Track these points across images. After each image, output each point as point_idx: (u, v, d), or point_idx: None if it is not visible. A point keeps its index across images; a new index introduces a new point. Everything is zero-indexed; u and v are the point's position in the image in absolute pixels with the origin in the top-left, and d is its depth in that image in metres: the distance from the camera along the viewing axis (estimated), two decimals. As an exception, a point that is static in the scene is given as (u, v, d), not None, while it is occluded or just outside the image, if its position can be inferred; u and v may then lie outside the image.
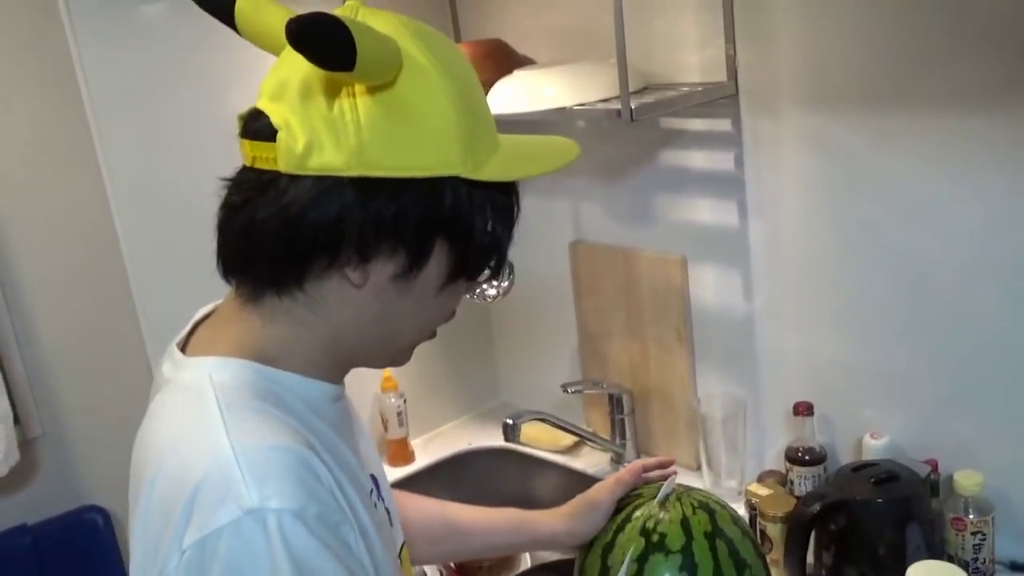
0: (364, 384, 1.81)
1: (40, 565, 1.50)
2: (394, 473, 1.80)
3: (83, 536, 1.55)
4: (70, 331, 1.55)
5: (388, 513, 0.96)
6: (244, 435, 0.73)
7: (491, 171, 0.78)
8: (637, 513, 1.04)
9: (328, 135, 0.74)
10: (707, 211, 1.53)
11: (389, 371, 1.81)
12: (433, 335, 0.89)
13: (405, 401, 1.81)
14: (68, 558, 1.48)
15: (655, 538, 1.00)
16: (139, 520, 0.76)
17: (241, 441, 0.72)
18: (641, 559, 1.00)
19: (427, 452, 1.87)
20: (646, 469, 1.17)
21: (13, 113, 1.53)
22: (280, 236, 0.76)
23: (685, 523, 1.01)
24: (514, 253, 1.61)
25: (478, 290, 1.62)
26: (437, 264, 0.79)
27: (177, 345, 0.85)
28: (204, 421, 0.75)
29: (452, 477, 1.87)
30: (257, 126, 0.76)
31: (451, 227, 0.78)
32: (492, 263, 0.84)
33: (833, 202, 1.37)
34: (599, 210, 1.72)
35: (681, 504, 1.03)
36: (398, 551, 0.97)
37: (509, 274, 1.64)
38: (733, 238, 1.50)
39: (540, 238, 1.80)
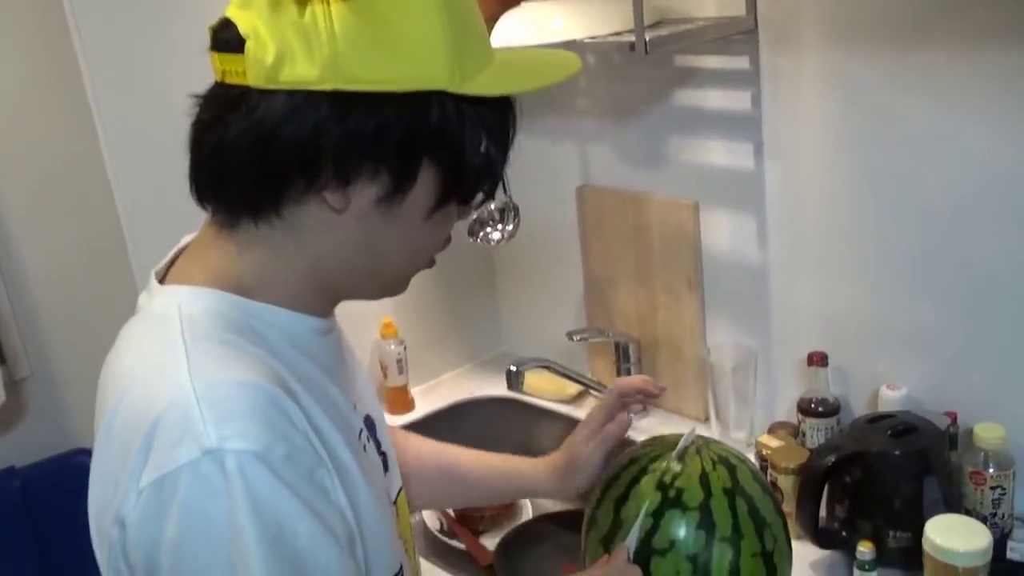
0: (363, 330, 1.76)
1: (29, 508, 1.46)
2: (393, 421, 1.76)
3: (72, 479, 1.50)
4: (59, 269, 1.50)
5: (385, 457, 0.92)
6: (206, 370, 0.68)
7: (481, 85, 0.72)
8: (653, 465, 0.99)
9: (300, 45, 0.68)
10: (721, 154, 1.47)
11: (389, 317, 1.76)
12: (431, 264, 0.83)
13: (405, 348, 1.77)
14: (57, 501, 1.45)
15: (672, 493, 0.95)
16: (98, 451, 0.72)
17: (203, 376, 0.68)
18: (656, 514, 0.95)
19: (427, 401, 1.83)
20: (624, 396, 1.12)
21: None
22: (252, 156, 0.70)
23: (704, 478, 0.96)
24: (519, 197, 1.59)
25: (481, 233, 1.57)
26: (424, 187, 0.74)
27: (156, 274, 0.80)
28: (166, 353, 0.70)
29: (452, 426, 1.83)
30: (225, 36, 0.71)
31: (438, 146, 0.72)
32: (486, 186, 0.78)
33: (853, 145, 1.31)
34: (608, 152, 1.66)
35: (700, 458, 0.98)
36: (394, 497, 0.93)
37: (514, 218, 1.59)
38: (748, 182, 1.44)
39: (546, 181, 1.75)
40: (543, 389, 1.77)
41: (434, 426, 1.80)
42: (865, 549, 1.15)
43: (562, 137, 1.72)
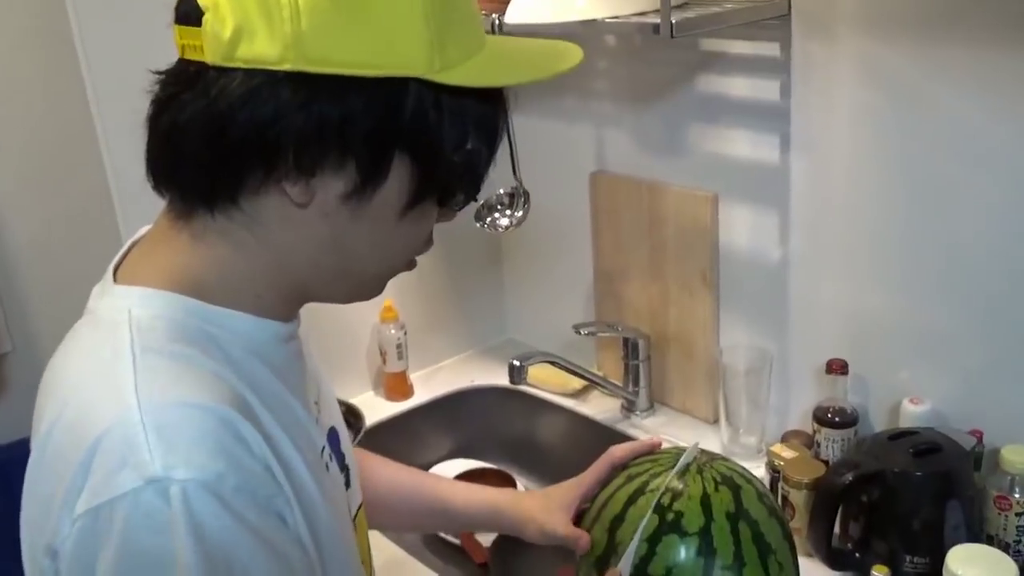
0: (362, 313, 1.70)
1: (7, 487, 1.40)
2: (391, 408, 1.71)
3: (53, 459, 1.45)
4: (45, 241, 1.44)
5: (347, 470, 0.86)
6: (155, 389, 0.62)
7: (464, 74, 0.65)
8: (653, 484, 0.92)
9: (261, 20, 0.61)
10: (745, 145, 1.40)
11: (390, 301, 1.69)
12: (410, 266, 0.76)
13: (405, 333, 1.70)
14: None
15: (670, 516, 0.89)
16: (32, 470, 0.66)
17: (150, 397, 0.61)
18: (653, 539, 0.88)
19: (427, 387, 1.77)
20: (616, 464, 1.00)
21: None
22: (206, 140, 0.64)
23: (706, 501, 0.89)
24: (530, 181, 1.52)
25: (489, 219, 1.50)
26: (397, 183, 0.67)
27: (113, 266, 0.73)
28: (112, 368, 0.64)
29: (452, 415, 1.77)
30: (186, 8, 0.65)
31: (412, 140, 0.66)
32: (466, 187, 0.71)
33: (885, 141, 1.23)
34: (625, 138, 1.58)
35: (703, 478, 0.91)
36: (354, 513, 0.87)
37: (524, 203, 1.51)
38: (772, 176, 1.36)
39: (559, 166, 1.67)
40: (547, 381, 1.71)
41: (433, 414, 1.74)
42: (880, 574, 1.09)
43: (577, 120, 1.64)
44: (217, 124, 0.63)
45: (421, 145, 0.66)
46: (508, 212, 1.51)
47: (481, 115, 0.68)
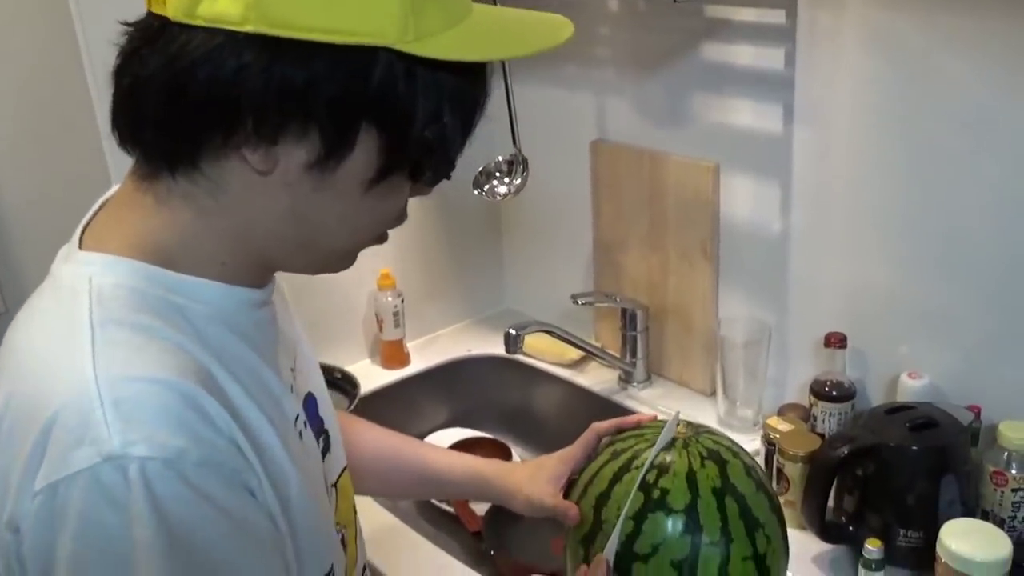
0: (359, 280, 1.69)
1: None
2: (387, 376, 1.70)
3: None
4: (39, 200, 1.42)
5: (327, 436, 0.84)
6: (114, 363, 0.60)
7: (439, 46, 0.62)
8: (637, 461, 0.91)
9: None
10: (748, 114, 1.37)
11: (387, 268, 1.68)
12: (381, 240, 0.74)
13: (403, 301, 1.69)
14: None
15: (656, 494, 0.87)
16: None
17: (108, 371, 0.60)
18: (639, 517, 0.87)
19: (423, 356, 1.76)
20: (603, 435, 1.00)
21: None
22: (165, 98, 0.62)
23: (691, 477, 0.88)
24: (529, 149, 1.50)
25: (487, 186, 1.48)
26: (364, 156, 0.64)
27: (81, 228, 0.71)
28: (70, 339, 0.62)
29: (448, 384, 1.76)
30: None
31: (380, 111, 0.63)
32: (437, 164, 0.69)
33: (892, 113, 1.21)
34: (626, 107, 1.56)
35: (688, 453, 0.90)
36: (335, 479, 0.86)
37: (522, 171, 1.50)
38: (774, 146, 1.34)
39: (558, 135, 1.65)
40: (544, 352, 1.70)
41: (429, 382, 1.74)
42: (873, 547, 1.08)
43: (578, 87, 1.62)
44: (176, 84, 0.61)
45: (389, 117, 0.63)
46: (507, 180, 1.49)
47: (457, 89, 0.65)
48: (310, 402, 0.82)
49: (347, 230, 0.70)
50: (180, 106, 0.62)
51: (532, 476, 1.01)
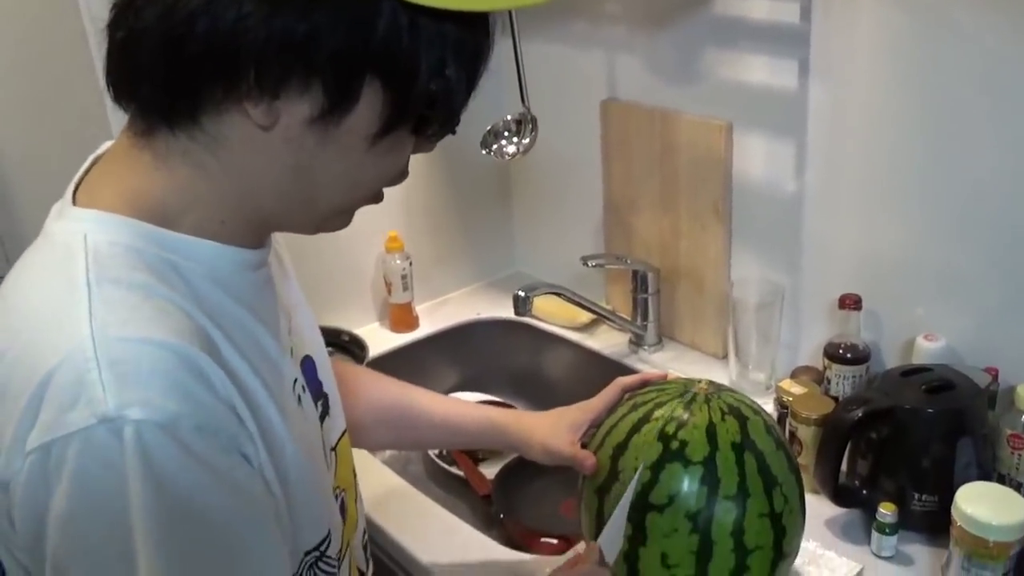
0: (367, 243, 1.67)
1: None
2: (396, 340, 1.69)
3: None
4: (40, 160, 1.40)
5: (326, 399, 0.83)
6: (111, 323, 0.59)
7: None
8: (657, 413, 0.90)
9: None
10: (761, 71, 1.34)
11: (395, 231, 1.66)
12: (377, 199, 0.72)
13: (411, 264, 1.67)
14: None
15: (674, 445, 0.87)
16: None
17: (105, 331, 0.58)
18: (656, 467, 0.87)
19: (432, 319, 1.75)
20: (627, 391, 1.01)
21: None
22: (162, 51, 0.60)
23: (711, 430, 0.87)
24: (538, 108, 1.47)
25: (495, 145, 1.46)
26: (367, 110, 0.63)
27: (74, 184, 0.69)
28: (66, 297, 0.61)
29: (457, 347, 1.75)
30: None
31: (385, 63, 0.61)
32: (442, 117, 0.67)
33: (910, 69, 1.17)
34: (637, 64, 1.52)
35: (709, 407, 0.89)
36: (334, 443, 0.85)
37: (531, 131, 1.47)
38: (789, 104, 1.31)
39: (568, 93, 1.62)
40: (554, 314, 1.68)
41: (438, 346, 1.73)
42: (887, 511, 1.07)
43: (588, 44, 1.58)
44: (174, 36, 0.59)
45: (393, 70, 0.62)
46: (515, 139, 1.46)
47: (461, 41, 0.63)
48: (308, 365, 0.81)
49: (348, 186, 0.69)
50: (179, 60, 0.60)
51: (551, 424, 1.02)
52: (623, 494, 0.87)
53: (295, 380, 0.75)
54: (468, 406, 1.12)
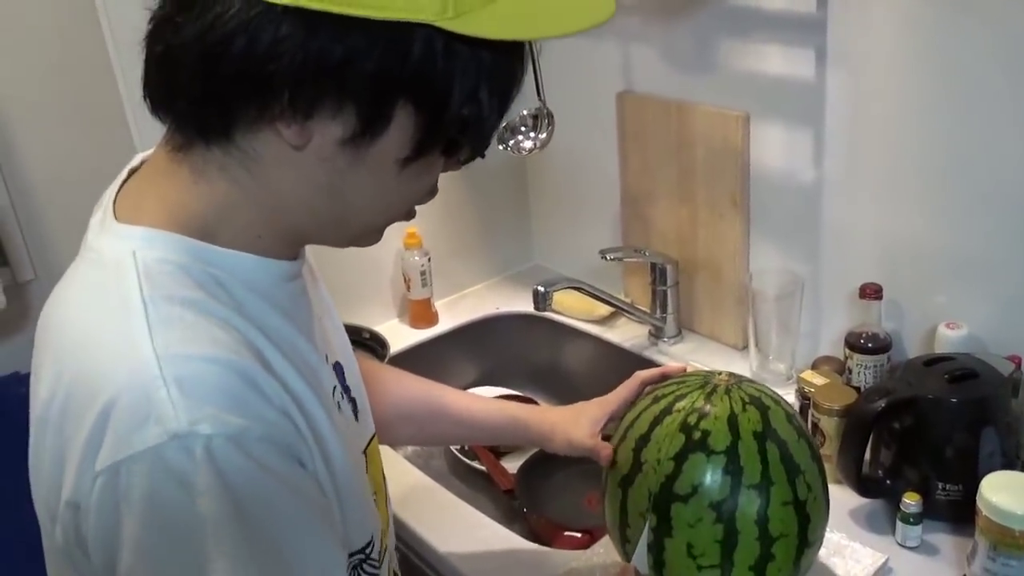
0: (385, 240, 1.66)
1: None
2: (416, 336, 1.70)
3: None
4: (64, 167, 1.42)
5: (355, 404, 0.84)
6: (172, 341, 0.60)
7: (479, 24, 0.60)
8: (679, 405, 0.91)
9: None
10: (778, 60, 1.33)
11: (413, 227, 1.67)
12: (409, 216, 0.73)
13: (430, 259, 1.68)
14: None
15: (696, 436, 0.87)
16: (40, 423, 0.64)
17: (168, 349, 0.59)
18: (679, 458, 0.87)
19: (451, 315, 1.75)
20: (647, 385, 1.03)
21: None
22: (198, 69, 0.60)
23: (732, 420, 0.88)
24: (554, 102, 1.46)
25: (512, 141, 1.46)
26: (399, 133, 0.63)
27: (113, 197, 0.70)
28: (123, 316, 0.61)
29: (477, 342, 1.76)
30: None
31: (417, 89, 0.61)
32: (474, 142, 0.67)
33: (929, 56, 1.16)
34: (653, 56, 1.52)
35: (730, 398, 0.90)
36: (364, 446, 0.86)
37: (548, 125, 1.47)
38: (806, 93, 1.30)
39: (584, 86, 1.62)
40: (573, 308, 1.69)
41: (458, 341, 1.73)
42: (911, 501, 1.07)
43: (603, 37, 1.58)
44: (211, 53, 0.59)
45: (426, 95, 0.62)
46: (532, 134, 1.46)
47: (496, 67, 0.63)
48: (338, 370, 0.82)
49: (379, 207, 0.69)
50: (214, 78, 0.60)
51: (572, 417, 1.04)
52: (646, 486, 0.88)
53: (334, 387, 0.76)
54: (490, 402, 1.13)
